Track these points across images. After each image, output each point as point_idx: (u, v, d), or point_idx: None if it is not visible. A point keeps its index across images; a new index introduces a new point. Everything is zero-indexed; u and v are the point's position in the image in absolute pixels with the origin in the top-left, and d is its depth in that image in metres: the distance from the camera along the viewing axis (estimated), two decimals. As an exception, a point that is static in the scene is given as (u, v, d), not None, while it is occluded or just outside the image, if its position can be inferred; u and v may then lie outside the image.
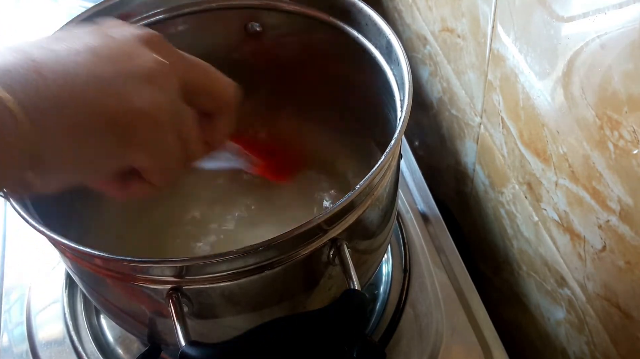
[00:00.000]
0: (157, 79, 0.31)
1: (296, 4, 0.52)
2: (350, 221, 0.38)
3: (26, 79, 0.27)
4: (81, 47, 0.30)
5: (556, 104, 0.42)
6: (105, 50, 0.30)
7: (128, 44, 0.32)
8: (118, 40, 0.32)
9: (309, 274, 0.40)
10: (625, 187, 0.37)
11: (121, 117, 0.30)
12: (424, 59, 0.70)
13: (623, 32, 0.33)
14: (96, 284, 0.42)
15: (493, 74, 0.52)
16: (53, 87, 0.28)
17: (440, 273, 0.57)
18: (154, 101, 0.31)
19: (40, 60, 0.28)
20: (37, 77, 0.28)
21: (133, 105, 0.30)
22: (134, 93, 0.30)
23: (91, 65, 0.29)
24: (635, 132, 0.34)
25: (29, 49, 0.29)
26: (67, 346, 0.53)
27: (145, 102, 0.30)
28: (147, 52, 0.32)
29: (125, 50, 0.31)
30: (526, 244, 0.55)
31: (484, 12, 0.50)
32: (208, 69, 0.36)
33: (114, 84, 0.30)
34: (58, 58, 0.29)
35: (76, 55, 0.29)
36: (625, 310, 0.41)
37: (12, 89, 0.27)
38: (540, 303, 0.56)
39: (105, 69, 0.30)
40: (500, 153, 0.54)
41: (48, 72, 0.28)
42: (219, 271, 0.36)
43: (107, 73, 0.30)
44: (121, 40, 0.32)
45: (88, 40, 0.31)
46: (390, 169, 0.41)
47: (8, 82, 0.27)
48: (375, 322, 0.54)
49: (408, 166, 0.67)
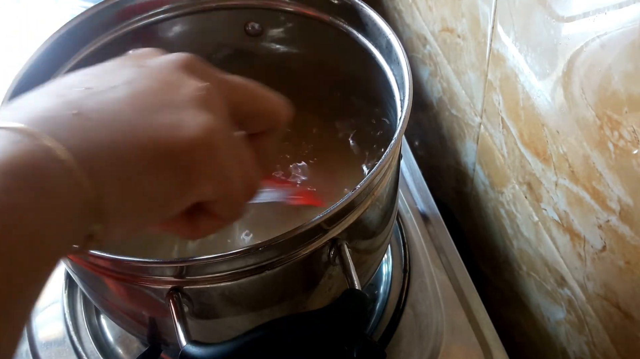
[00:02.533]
0: (204, 104, 0.29)
1: (296, 4, 0.52)
2: (350, 221, 0.38)
3: (70, 124, 0.25)
4: (118, 81, 0.28)
5: (556, 104, 0.42)
6: (143, 82, 0.28)
7: (166, 71, 0.30)
8: (154, 69, 0.29)
9: (309, 274, 0.40)
10: (625, 187, 0.37)
11: (177, 149, 0.27)
12: (424, 59, 0.70)
13: (623, 32, 0.33)
14: (96, 284, 0.42)
15: (493, 74, 0.52)
16: (99, 128, 0.25)
17: (440, 273, 0.57)
18: (208, 127, 0.28)
19: (78, 101, 0.26)
20: (80, 119, 0.25)
21: (187, 134, 0.27)
22: (185, 122, 0.27)
23: (133, 100, 0.27)
24: (635, 132, 0.34)
25: (63, 91, 0.26)
26: (67, 346, 0.53)
27: (198, 130, 0.27)
28: (188, 78, 0.29)
29: (164, 79, 0.29)
30: (526, 244, 0.55)
31: (484, 12, 0.50)
32: (254, 87, 0.33)
33: (162, 116, 0.27)
34: (96, 96, 0.26)
35: (114, 90, 0.27)
36: (625, 310, 0.41)
37: (60, 137, 0.24)
38: (540, 303, 0.56)
39: (148, 101, 0.27)
40: (500, 153, 0.54)
41: (90, 112, 0.25)
42: (219, 271, 0.36)
43: (152, 106, 0.27)
44: (157, 68, 0.30)
45: (122, 73, 0.28)
46: (390, 169, 0.41)
47: (53, 129, 0.24)
48: (375, 322, 0.54)
49: (408, 166, 0.67)
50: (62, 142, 0.24)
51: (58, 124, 0.24)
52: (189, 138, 0.27)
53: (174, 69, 0.30)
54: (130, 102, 0.27)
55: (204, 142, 0.28)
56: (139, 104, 0.27)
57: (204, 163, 0.28)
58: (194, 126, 0.27)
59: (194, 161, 0.28)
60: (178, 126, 0.27)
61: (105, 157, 0.25)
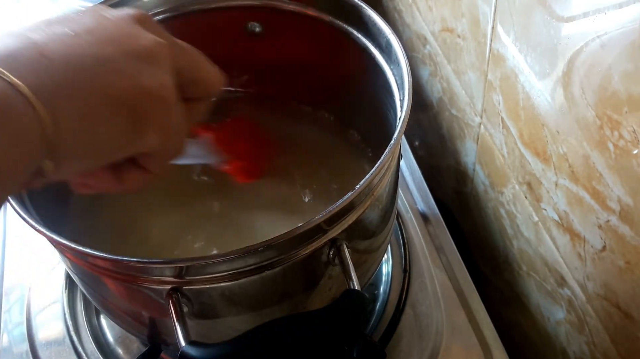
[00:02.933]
0: (159, 59, 0.30)
1: (296, 4, 0.52)
2: (350, 221, 0.38)
3: (33, 63, 0.26)
4: (80, 28, 0.29)
5: (556, 104, 0.42)
6: (104, 31, 0.29)
7: (124, 23, 0.31)
8: (114, 21, 0.30)
9: (309, 274, 0.40)
10: (625, 187, 0.37)
11: (133, 97, 0.28)
12: (424, 59, 0.70)
13: (623, 32, 0.33)
14: (96, 284, 0.42)
15: (493, 74, 0.52)
16: (61, 69, 0.26)
17: (440, 273, 0.57)
18: (161, 81, 0.30)
19: (42, 43, 0.27)
20: (43, 59, 0.26)
21: (143, 85, 0.29)
22: (142, 73, 0.29)
23: (94, 46, 0.28)
24: (635, 132, 0.34)
25: (28, 33, 0.27)
26: (67, 346, 0.53)
27: (153, 82, 0.29)
28: (145, 32, 0.31)
29: (123, 30, 0.30)
30: (526, 244, 0.55)
31: (484, 12, 0.50)
32: (198, 55, 0.35)
33: (120, 63, 0.28)
34: (60, 40, 0.27)
35: (76, 37, 0.28)
36: (625, 310, 0.41)
37: (20, 74, 0.25)
38: (540, 303, 0.56)
39: (108, 49, 0.28)
40: (500, 153, 0.54)
41: (53, 54, 0.26)
42: (219, 271, 0.36)
43: (111, 53, 0.28)
44: (117, 20, 0.31)
45: (85, 21, 0.29)
46: (390, 169, 0.41)
47: (15, 67, 0.25)
48: (375, 322, 0.54)
49: (408, 166, 0.67)
50: (24, 79, 0.25)
51: (21, 62, 0.25)
52: (145, 88, 0.29)
53: (132, 22, 0.31)
54: (91, 49, 0.28)
55: (160, 96, 0.29)
56: (100, 52, 0.28)
57: (157, 115, 0.29)
58: (150, 79, 0.29)
59: (147, 111, 0.29)
60: (135, 75, 0.29)
61: (66, 97, 0.26)
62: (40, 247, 0.60)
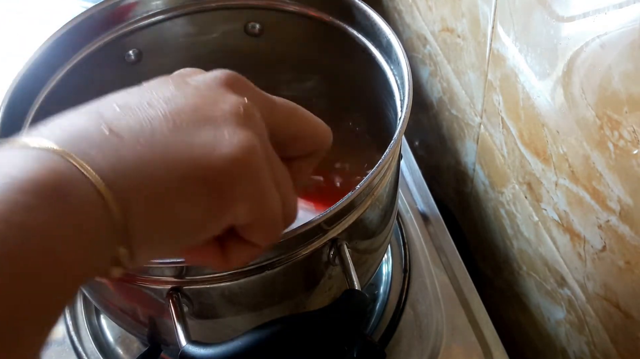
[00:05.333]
0: (244, 120, 0.27)
1: (296, 4, 0.52)
2: (350, 221, 0.38)
3: (102, 143, 0.23)
4: (154, 98, 0.26)
5: (556, 104, 0.42)
6: (182, 100, 0.26)
7: (206, 88, 0.28)
8: (196, 86, 0.28)
9: (309, 274, 0.40)
10: (625, 187, 0.37)
11: (213, 169, 0.25)
12: (424, 59, 0.70)
13: (623, 32, 0.33)
14: (96, 284, 0.42)
15: (493, 74, 0.52)
16: (132, 147, 0.24)
17: (440, 273, 0.57)
18: (246, 145, 0.26)
19: (112, 119, 0.24)
20: (112, 138, 0.24)
21: (223, 153, 0.25)
22: (222, 140, 0.25)
23: (169, 118, 0.25)
24: (635, 132, 0.34)
25: (99, 109, 0.25)
26: (67, 346, 0.53)
27: (236, 148, 0.25)
28: (229, 95, 0.28)
29: (206, 94, 0.27)
30: (526, 244, 0.55)
31: (484, 12, 0.50)
32: (297, 108, 0.31)
33: (198, 134, 0.25)
34: (132, 114, 0.25)
35: (151, 108, 0.25)
36: (625, 310, 0.41)
37: (90, 156, 0.23)
38: (540, 303, 0.56)
39: (185, 119, 0.25)
40: (500, 153, 0.54)
41: (122, 130, 0.24)
42: (219, 271, 0.36)
43: (188, 123, 0.25)
44: (199, 85, 0.28)
45: (161, 90, 0.27)
46: (390, 169, 0.41)
47: (82, 148, 0.23)
48: (375, 322, 0.54)
49: (408, 166, 0.67)
50: (89, 160, 0.23)
51: (88, 142, 0.23)
52: (226, 157, 0.25)
53: (215, 85, 0.28)
54: (165, 120, 0.25)
55: (242, 160, 0.26)
56: (175, 122, 0.25)
57: (240, 183, 0.26)
58: (231, 144, 0.26)
59: (230, 181, 0.26)
60: (214, 143, 0.25)
61: (134, 177, 0.24)
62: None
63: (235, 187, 0.26)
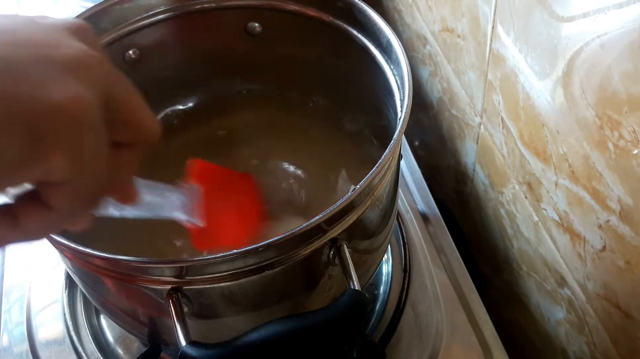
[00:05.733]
0: (83, 71, 0.26)
1: (296, 4, 0.52)
2: (350, 221, 0.38)
3: None
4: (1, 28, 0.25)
5: (556, 104, 0.42)
6: (25, 35, 0.26)
7: (54, 30, 0.27)
8: (42, 26, 0.27)
9: (309, 274, 0.40)
10: (625, 187, 0.37)
11: (37, 111, 0.24)
12: (424, 59, 0.70)
13: (623, 32, 0.33)
14: (96, 284, 0.42)
15: (493, 74, 0.52)
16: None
17: (440, 273, 0.57)
18: (76, 95, 0.25)
19: None
20: None
21: (50, 96, 0.24)
22: (54, 83, 0.25)
23: (4, 48, 0.24)
24: (635, 132, 0.34)
25: None
26: (67, 346, 0.53)
27: (65, 95, 0.25)
28: (74, 41, 0.27)
29: (50, 36, 0.26)
30: (526, 244, 0.55)
31: (484, 12, 0.50)
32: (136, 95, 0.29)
33: (29, 70, 0.24)
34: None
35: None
36: (625, 310, 0.41)
37: None
38: (540, 303, 0.56)
39: (21, 52, 0.25)
40: (500, 153, 0.54)
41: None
42: (219, 271, 0.36)
43: (23, 57, 0.24)
44: (46, 26, 0.27)
45: (5, 22, 0.26)
46: (390, 169, 0.41)
47: None
48: (375, 322, 0.54)
49: (408, 166, 0.67)
50: None
51: None
52: (53, 102, 0.24)
53: (64, 30, 0.27)
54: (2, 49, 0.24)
55: (73, 112, 0.25)
56: (10, 55, 0.24)
57: (66, 135, 0.25)
58: (61, 90, 0.25)
59: (52, 127, 0.24)
60: (45, 84, 0.24)
61: None
62: (40, 247, 0.60)
63: (57, 136, 0.25)
